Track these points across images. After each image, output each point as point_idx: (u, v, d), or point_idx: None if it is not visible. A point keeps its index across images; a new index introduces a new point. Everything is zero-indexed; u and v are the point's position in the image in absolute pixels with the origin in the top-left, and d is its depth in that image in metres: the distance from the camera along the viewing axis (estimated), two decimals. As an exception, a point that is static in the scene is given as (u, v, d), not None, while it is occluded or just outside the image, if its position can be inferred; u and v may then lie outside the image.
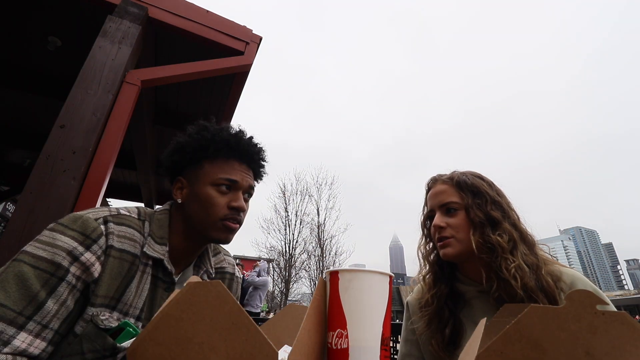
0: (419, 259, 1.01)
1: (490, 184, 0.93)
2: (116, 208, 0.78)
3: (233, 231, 0.82)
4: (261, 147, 0.90)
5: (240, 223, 0.83)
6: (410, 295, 1.06)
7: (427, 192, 0.99)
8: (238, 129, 0.87)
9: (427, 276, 0.99)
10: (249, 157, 0.86)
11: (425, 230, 1.00)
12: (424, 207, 1.00)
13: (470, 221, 0.87)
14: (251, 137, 0.88)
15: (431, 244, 0.99)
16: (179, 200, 0.83)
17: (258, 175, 0.91)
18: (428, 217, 0.98)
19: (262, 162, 0.91)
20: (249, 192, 0.86)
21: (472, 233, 0.85)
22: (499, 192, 0.92)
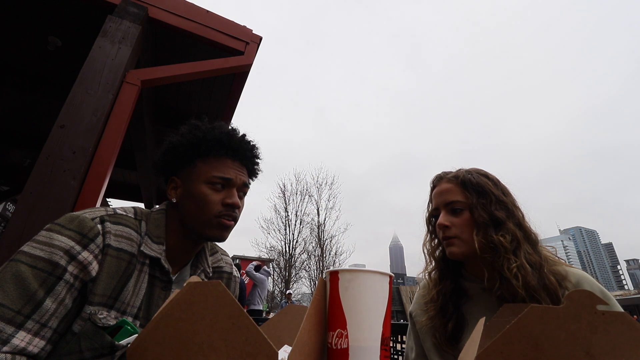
0: (424, 254, 1.01)
1: (496, 182, 0.93)
2: (112, 208, 0.78)
3: (228, 228, 0.82)
4: (254, 145, 0.89)
5: (235, 220, 0.83)
6: (412, 305, 1.06)
7: (432, 189, 0.99)
8: (230, 127, 0.87)
9: (433, 273, 1.00)
10: (242, 154, 0.85)
11: (430, 226, 1.00)
12: (428, 203, 1.00)
13: (474, 221, 0.87)
14: (244, 135, 0.88)
15: (436, 241, 0.99)
16: (174, 200, 0.83)
17: (252, 172, 0.91)
18: (433, 214, 0.98)
19: (256, 160, 0.90)
20: (243, 189, 0.86)
21: (475, 233, 0.85)
22: (504, 191, 0.92)
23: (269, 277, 8.09)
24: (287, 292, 9.47)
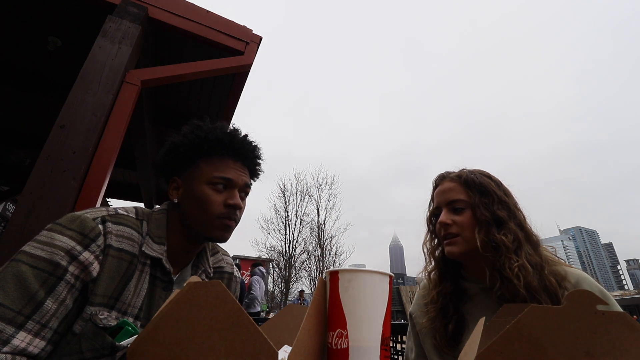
0: (424, 254, 1.01)
1: (498, 184, 0.93)
2: (114, 208, 0.78)
3: (230, 229, 0.82)
4: (256, 145, 0.89)
5: (236, 221, 0.83)
6: (412, 306, 1.06)
7: (435, 188, 0.98)
8: (232, 127, 0.87)
9: (433, 273, 0.99)
10: (244, 154, 0.85)
11: (430, 226, 1.00)
12: (430, 203, 1.00)
13: (476, 220, 0.87)
14: (245, 135, 0.88)
15: (436, 240, 0.99)
16: (175, 200, 0.83)
17: (254, 173, 0.91)
18: (434, 213, 0.97)
19: (258, 160, 0.90)
20: (244, 190, 0.86)
21: (477, 231, 0.85)
22: (506, 192, 0.92)
23: (266, 277, 8.15)
24: (300, 289, 9.85)
